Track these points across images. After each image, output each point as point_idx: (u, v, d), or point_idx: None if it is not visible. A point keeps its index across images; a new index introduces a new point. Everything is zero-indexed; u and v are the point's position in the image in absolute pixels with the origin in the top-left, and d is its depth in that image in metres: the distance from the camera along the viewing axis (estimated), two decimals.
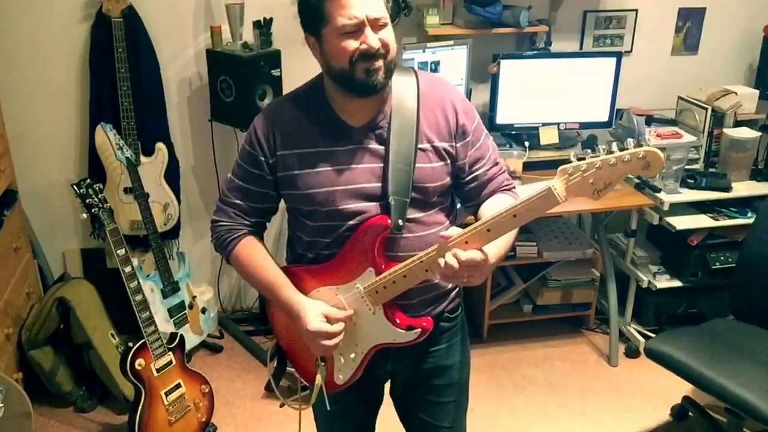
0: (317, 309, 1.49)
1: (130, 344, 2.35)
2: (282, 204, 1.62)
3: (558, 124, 3.16)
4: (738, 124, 3.13)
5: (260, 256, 1.57)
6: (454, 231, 1.38)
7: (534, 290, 3.29)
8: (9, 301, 2.63)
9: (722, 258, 3.04)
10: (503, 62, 3.02)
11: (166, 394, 2.42)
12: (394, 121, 1.47)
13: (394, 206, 1.45)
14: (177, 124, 3.09)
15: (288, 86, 2.87)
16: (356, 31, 1.37)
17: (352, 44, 1.38)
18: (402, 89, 1.50)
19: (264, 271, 1.55)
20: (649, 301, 3.23)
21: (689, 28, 3.43)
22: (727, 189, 3.00)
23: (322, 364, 1.58)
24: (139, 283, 2.38)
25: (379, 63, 1.39)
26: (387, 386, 1.79)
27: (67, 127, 3.01)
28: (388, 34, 1.41)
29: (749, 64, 3.54)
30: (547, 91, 3.10)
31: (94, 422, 2.74)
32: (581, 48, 3.34)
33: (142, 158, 2.89)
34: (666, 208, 2.93)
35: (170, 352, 2.44)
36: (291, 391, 2.85)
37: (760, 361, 2.25)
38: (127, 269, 2.35)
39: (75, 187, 2.31)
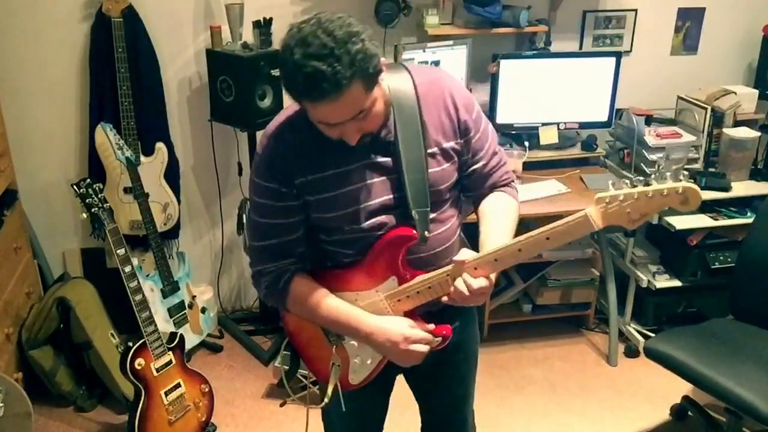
0: (399, 330, 1.47)
1: (130, 344, 2.35)
2: None
3: (558, 123, 3.17)
4: (737, 123, 3.13)
5: (318, 294, 1.49)
6: (469, 254, 1.41)
7: (533, 290, 3.29)
8: (9, 300, 2.63)
9: (722, 258, 3.04)
10: (503, 62, 3.03)
11: (166, 393, 2.42)
12: (400, 132, 1.44)
13: (419, 219, 1.46)
14: (177, 124, 3.10)
15: None
16: (337, 124, 1.32)
17: (334, 132, 1.35)
18: (400, 95, 1.45)
19: (328, 306, 1.50)
20: (648, 301, 3.23)
21: (689, 28, 3.43)
22: (727, 189, 3.00)
23: (337, 365, 1.58)
24: (139, 282, 2.38)
25: (363, 140, 1.38)
26: None
27: (67, 127, 3.01)
28: (371, 117, 1.34)
29: (748, 64, 3.54)
30: (547, 91, 3.10)
31: (94, 422, 2.75)
32: (581, 48, 3.35)
33: (142, 158, 2.89)
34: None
35: (170, 352, 2.44)
36: (295, 390, 2.85)
37: (760, 361, 2.26)
38: (127, 269, 2.35)
39: (75, 186, 2.31)
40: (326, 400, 1.57)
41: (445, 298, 1.44)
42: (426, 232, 1.47)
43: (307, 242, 1.54)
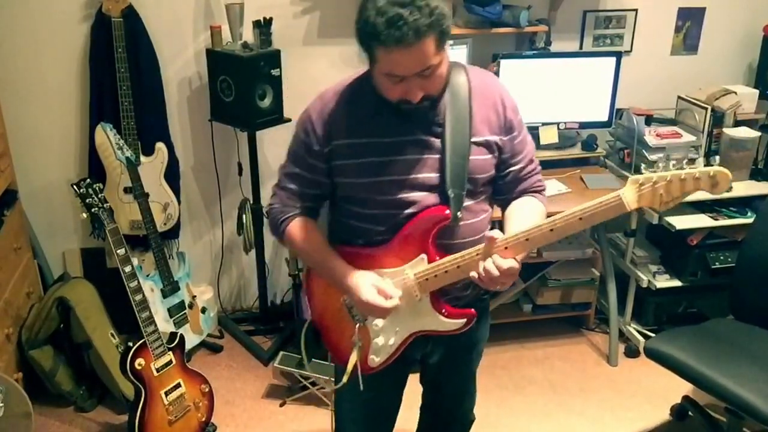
0: (368, 280, 1.53)
1: (130, 344, 2.35)
2: None
3: (558, 123, 3.16)
4: (737, 123, 3.13)
5: (311, 234, 1.62)
6: (500, 234, 1.46)
7: (534, 290, 3.29)
8: (9, 301, 2.63)
9: (722, 257, 3.04)
10: (503, 62, 3.02)
11: (166, 393, 2.42)
12: (449, 116, 1.52)
13: (453, 198, 1.51)
14: (177, 124, 3.09)
15: (288, 86, 2.88)
16: (402, 80, 1.40)
17: (396, 90, 1.42)
18: (454, 85, 1.53)
19: (315, 246, 1.61)
20: (648, 301, 3.23)
21: (689, 27, 3.43)
22: (727, 189, 2.99)
23: (359, 344, 1.61)
24: (139, 282, 2.38)
25: (422, 103, 1.44)
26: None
27: (67, 127, 3.01)
28: (435, 77, 1.42)
29: (749, 64, 3.54)
30: (547, 90, 3.10)
31: (94, 422, 2.74)
32: (581, 48, 3.34)
33: (142, 158, 2.89)
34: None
35: (170, 352, 2.44)
36: (291, 390, 2.86)
37: (760, 361, 2.26)
38: (127, 269, 2.35)
39: (75, 186, 2.31)
40: (345, 378, 1.60)
41: (474, 274, 1.47)
42: (459, 213, 1.52)
43: (339, 217, 1.64)
